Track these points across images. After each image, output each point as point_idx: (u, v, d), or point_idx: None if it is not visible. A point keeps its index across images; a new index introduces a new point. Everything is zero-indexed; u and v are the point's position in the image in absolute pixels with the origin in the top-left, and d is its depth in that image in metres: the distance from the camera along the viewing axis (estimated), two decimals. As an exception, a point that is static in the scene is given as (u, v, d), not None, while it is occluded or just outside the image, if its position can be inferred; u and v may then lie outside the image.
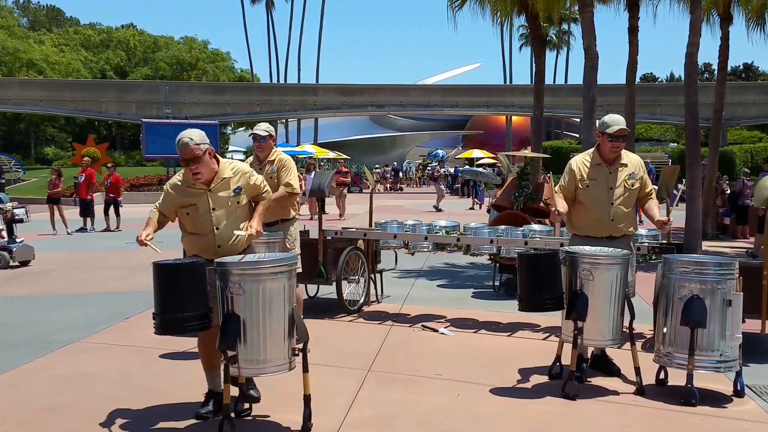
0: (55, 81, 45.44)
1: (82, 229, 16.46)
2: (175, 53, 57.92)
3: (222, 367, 3.95)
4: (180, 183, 4.37)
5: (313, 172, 20.18)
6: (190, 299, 3.90)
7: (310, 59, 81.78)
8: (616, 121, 5.13)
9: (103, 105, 41.20)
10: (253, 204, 4.52)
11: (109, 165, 18.88)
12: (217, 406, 4.23)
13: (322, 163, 38.47)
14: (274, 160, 5.92)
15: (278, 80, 56.92)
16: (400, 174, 45.19)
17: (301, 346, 3.96)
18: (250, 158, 6.21)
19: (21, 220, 11.20)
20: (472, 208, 24.64)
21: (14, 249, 10.74)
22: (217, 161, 4.36)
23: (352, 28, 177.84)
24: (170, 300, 3.90)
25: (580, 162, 5.24)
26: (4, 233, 10.88)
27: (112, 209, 17.06)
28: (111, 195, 17.17)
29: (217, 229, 4.30)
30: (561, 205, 5.07)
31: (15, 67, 50.13)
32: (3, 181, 27.34)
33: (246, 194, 4.42)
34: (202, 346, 4.37)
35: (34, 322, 7.00)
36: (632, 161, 5.24)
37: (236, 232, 4.29)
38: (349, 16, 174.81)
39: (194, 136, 4.20)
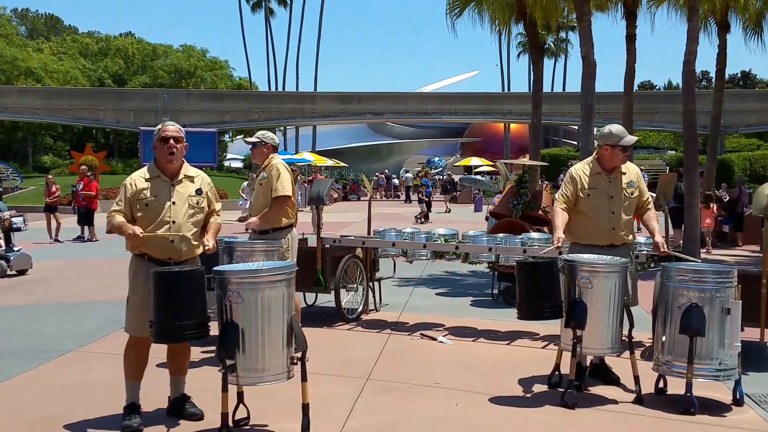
0: (53, 89, 45.44)
1: (80, 238, 16.42)
2: (174, 61, 57.90)
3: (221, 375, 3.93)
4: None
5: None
6: (188, 307, 3.89)
7: (309, 67, 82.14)
8: (625, 131, 5.22)
9: (101, 113, 41.26)
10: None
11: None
12: (134, 412, 4.20)
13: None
14: (267, 166, 5.91)
15: (276, 88, 56.98)
16: (396, 181, 44.74)
17: (299, 354, 3.95)
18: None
19: (18, 229, 11.16)
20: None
21: (12, 258, 10.70)
22: None
23: (350, 36, 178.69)
24: (168, 308, 3.88)
25: (580, 171, 5.27)
26: (2, 242, 10.85)
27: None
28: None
29: None
30: (560, 237, 5.07)
31: (13, 76, 50.10)
32: (1, 189, 27.37)
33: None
34: (137, 353, 4.31)
35: (31, 331, 6.98)
36: (630, 170, 5.29)
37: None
38: (347, 25, 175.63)
39: None
